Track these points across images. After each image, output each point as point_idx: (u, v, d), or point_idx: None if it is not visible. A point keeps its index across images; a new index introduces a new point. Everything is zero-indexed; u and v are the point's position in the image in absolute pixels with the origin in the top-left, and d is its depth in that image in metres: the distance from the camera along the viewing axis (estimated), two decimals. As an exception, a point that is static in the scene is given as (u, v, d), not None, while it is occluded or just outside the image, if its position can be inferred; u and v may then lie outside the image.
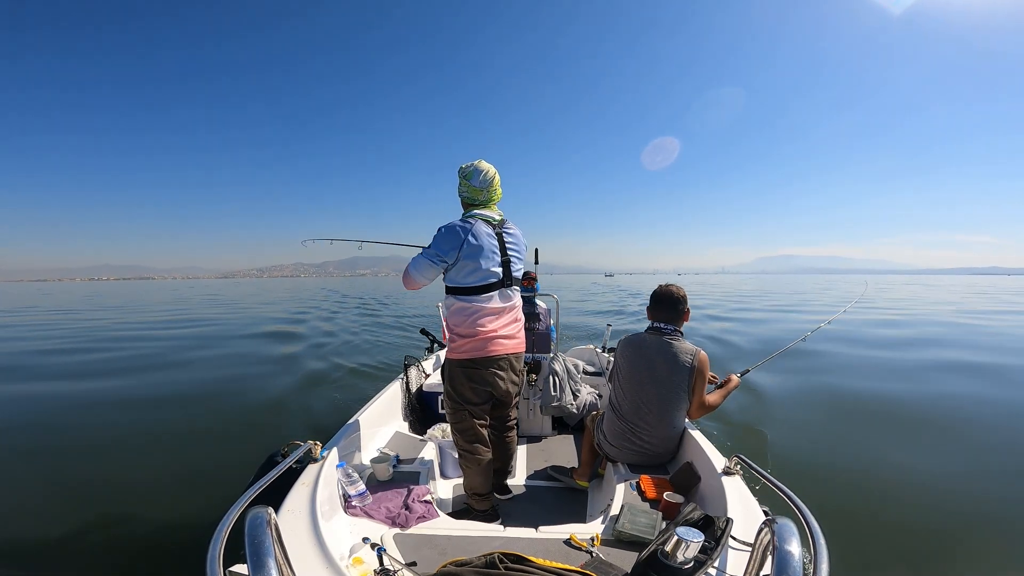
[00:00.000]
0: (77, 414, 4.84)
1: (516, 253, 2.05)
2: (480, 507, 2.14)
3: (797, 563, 0.86)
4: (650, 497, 1.84)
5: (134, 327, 13.17)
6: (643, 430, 2.16)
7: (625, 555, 1.44)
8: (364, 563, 1.36)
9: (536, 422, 3.30)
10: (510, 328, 2.04)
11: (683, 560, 1.17)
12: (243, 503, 1.14)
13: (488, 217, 1.99)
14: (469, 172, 1.98)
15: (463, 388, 2.02)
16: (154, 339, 10.49)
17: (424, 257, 1.94)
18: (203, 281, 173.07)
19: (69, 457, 3.72)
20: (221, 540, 0.94)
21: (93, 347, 9.38)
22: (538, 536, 1.59)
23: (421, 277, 1.98)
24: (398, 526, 1.69)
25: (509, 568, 1.19)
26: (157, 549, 2.49)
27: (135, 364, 7.49)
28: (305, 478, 1.66)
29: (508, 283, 2.00)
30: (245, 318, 15.33)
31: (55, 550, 2.49)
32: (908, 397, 5.20)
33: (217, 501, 2.73)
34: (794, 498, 1.21)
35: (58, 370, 7.09)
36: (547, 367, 3.20)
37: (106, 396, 5.52)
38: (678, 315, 2.20)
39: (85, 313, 18.75)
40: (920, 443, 3.90)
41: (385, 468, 2.10)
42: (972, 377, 6.09)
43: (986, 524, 2.70)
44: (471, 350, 1.97)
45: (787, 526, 0.94)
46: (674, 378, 2.12)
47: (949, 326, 11.58)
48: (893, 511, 2.84)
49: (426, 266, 1.95)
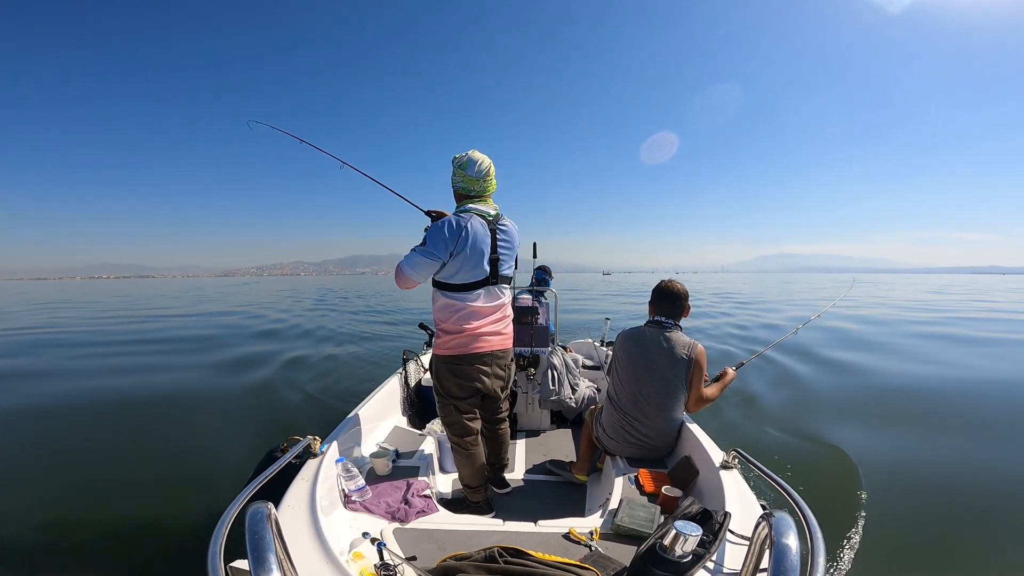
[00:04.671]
0: (75, 412, 4.83)
1: (506, 251, 2.00)
2: (474, 499, 2.15)
3: (795, 556, 0.86)
4: (648, 491, 1.86)
5: (127, 324, 13.13)
6: (641, 423, 2.17)
7: (624, 549, 1.45)
8: (364, 557, 1.37)
9: (534, 416, 3.31)
10: (496, 325, 2.01)
11: (681, 554, 1.18)
12: (243, 498, 1.14)
13: (483, 212, 1.94)
14: (464, 162, 1.92)
15: (448, 383, 2.01)
16: (153, 339, 10.46)
17: (418, 254, 1.87)
18: (203, 280, 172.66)
19: (69, 454, 3.72)
20: (222, 535, 0.95)
21: (97, 346, 9.35)
22: (537, 530, 1.60)
23: (415, 275, 1.90)
24: (398, 520, 1.70)
25: (509, 562, 1.20)
26: (158, 545, 2.50)
27: (133, 363, 7.48)
28: (305, 473, 1.66)
29: (495, 281, 1.96)
30: (244, 316, 15.28)
31: (55, 547, 2.49)
32: (903, 387, 5.24)
33: (217, 497, 2.75)
34: (791, 492, 1.22)
35: (67, 367, 7.08)
36: (545, 361, 3.21)
37: (104, 393, 5.51)
38: (679, 310, 2.23)
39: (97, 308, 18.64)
40: (917, 433, 3.94)
41: (384, 463, 2.11)
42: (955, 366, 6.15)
43: (985, 515, 2.73)
44: (456, 347, 1.95)
45: (784, 520, 0.95)
46: (672, 371, 2.13)
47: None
48: (889, 503, 2.86)
49: (420, 263, 1.88)
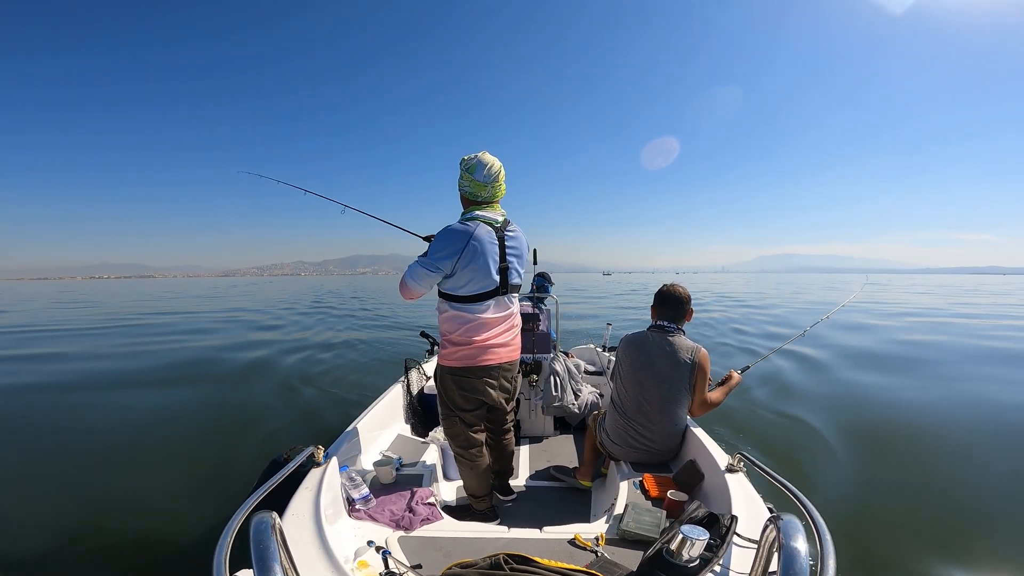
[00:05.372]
0: (80, 420, 4.83)
1: (516, 259, 1.93)
2: (479, 507, 2.14)
3: (804, 560, 0.86)
4: (654, 496, 1.84)
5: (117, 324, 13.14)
6: (645, 428, 2.16)
7: (630, 554, 1.44)
8: (369, 566, 1.35)
9: (538, 422, 3.30)
10: (505, 336, 1.95)
11: (688, 558, 1.17)
12: (247, 508, 1.14)
13: (490, 220, 1.85)
14: (472, 165, 1.82)
15: (454, 396, 1.96)
16: (155, 344, 10.46)
17: (421, 267, 1.82)
18: (203, 280, 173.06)
19: (72, 463, 3.70)
20: (226, 545, 0.94)
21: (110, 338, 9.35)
22: (542, 536, 1.58)
23: (419, 287, 1.85)
24: (402, 529, 1.69)
25: (514, 569, 1.19)
26: (162, 555, 2.48)
27: (138, 370, 7.47)
28: (308, 482, 1.66)
29: (505, 291, 1.89)
30: (244, 319, 15.29)
31: (60, 556, 2.48)
32: (910, 394, 5.21)
33: (221, 506, 2.74)
34: (799, 494, 1.21)
35: (66, 374, 7.08)
36: (548, 367, 3.20)
37: (109, 402, 5.51)
38: (682, 314, 2.22)
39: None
40: (927, 437, 3.91)
41: (388, 471, 2.10)
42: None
43: (996, 519, 2.70)
44: (463, 358, 1.89)
45: (792, 523, 0.94)
46: (675, 375, 2.12)
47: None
48: (901, 506, 2.83)
49: (424, 275, 1.82)
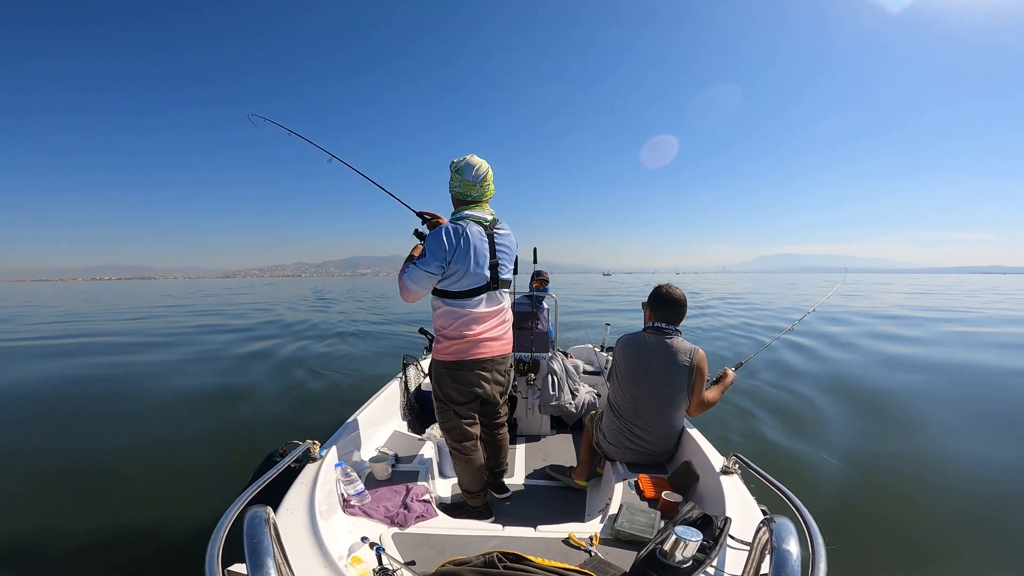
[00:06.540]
0: (75, 414, 4.82)
1: (505, 255, 2.01)
2: (473, 504, 2.15)
3: (795, 562, 0.86)
4: (648, 496, 1.85)
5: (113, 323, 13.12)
6: (642, 429, 2.17)
7: (624, 554, 1.44)
8: (363, 562, 1.36)
9: (535, 421, 3.30)
10: (497, 330, 2.02)
11: (681, 559, 1.17)
12: (242, 502, 1.14)
13: (480, 218, 1.94)
14: (461, 166, 1.92)
15: (448, 389, 2.02)
16: (151, 340, 10.45)
17: (419, 268, 1.88)
18: (204, 281, 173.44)
19: (66, 457, 3.71)
20: (220, 539, 0.94)
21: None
22: (537, 535, 1.59)
23: (418, 288, 1.91)
24: (397, 525, 1.69)
25: (508, 567, 1.19)
26: (155, 548, 2.49)
27: (132, 365, 7.47)
28: (303, 477, 1.66)
29: (495, 286, 1.97)
30: (244, 319, 15.28)
31: (50, 550, 2.48)
32: (904, 391, 5.22)
33: (215, 500, 2.73)
34: (792, 497, 1.21)
35: (65, 369, 7.07)
36: (546, 367, 3.20)
37: (102, 395, 5.51)
38: (679, 316, 2.22)
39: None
40: (919, 436, 3.92)
41: (384, 467, 2.10)
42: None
43: (986, 522, 2.71)
44: (457, 352, 1.96)
45: (785, 525, 0.94)
46: (673, 377, 2.13)
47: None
48: (892, 508, 2.84)
49: (422, 277, 1.88)
